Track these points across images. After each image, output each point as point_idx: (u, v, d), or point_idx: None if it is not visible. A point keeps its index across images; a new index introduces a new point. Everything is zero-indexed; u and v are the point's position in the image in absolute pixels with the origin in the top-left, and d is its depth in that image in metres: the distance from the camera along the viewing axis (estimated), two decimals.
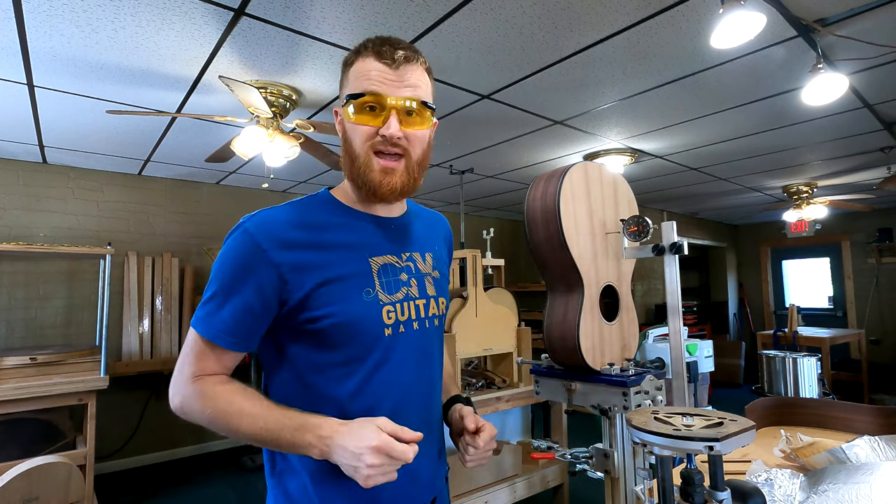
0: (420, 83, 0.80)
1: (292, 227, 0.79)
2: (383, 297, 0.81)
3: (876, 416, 1.40)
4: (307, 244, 0.79)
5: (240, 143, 2.38)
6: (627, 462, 1.14)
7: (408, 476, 0.80)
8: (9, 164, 3.42)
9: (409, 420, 0.79)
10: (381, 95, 0.77)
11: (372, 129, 0.78)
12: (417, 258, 0.89)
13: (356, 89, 0.78)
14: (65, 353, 2.76)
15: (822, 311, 6.76)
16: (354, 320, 0.78)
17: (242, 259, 0.76)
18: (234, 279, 0.76)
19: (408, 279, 0.85)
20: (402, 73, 0.78)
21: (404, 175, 0.80)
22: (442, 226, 1.03)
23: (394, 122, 0.77)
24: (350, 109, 0.78)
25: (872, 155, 3.71)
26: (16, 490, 2.20)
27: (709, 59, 2.11)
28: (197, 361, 0.77)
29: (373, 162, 0.79)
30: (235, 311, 0.76)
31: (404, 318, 0.83)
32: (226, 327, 0.76)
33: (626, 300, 1.30)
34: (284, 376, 0.82)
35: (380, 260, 0.83)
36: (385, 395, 0.80)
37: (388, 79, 0.77)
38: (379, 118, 0.78)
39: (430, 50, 1.98)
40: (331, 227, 0.82)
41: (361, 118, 0.78)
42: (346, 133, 0.81)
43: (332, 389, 0.79)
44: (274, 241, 0.76)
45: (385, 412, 0.77)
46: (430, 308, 0.88)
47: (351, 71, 0.80)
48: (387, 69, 0.77)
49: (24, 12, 1.66)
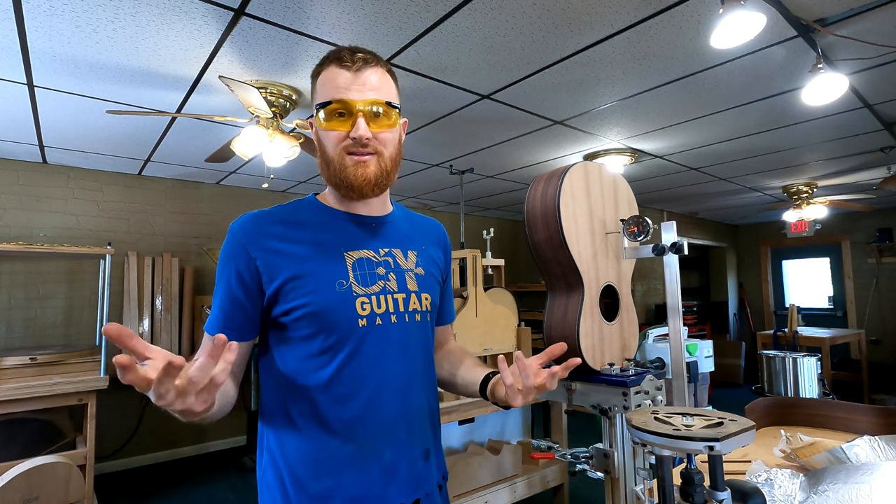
0: (382, 85, 0.84)
1: (271, 224, 0.85)
2: (357, 289, 0.83)
3: (876, 416, 1.39)
4: (283, 238, 0.84)
5: (240, 143, 2.38)
6: (627, 462, 1.14)
7: (381, 468, 0.81)
8: (9, 164, 3.42)
9: (385, 413, 0.82)
10: (347, 101, 0.81)
11: (342, 133, 0.82)
12: (398, 254, 0.91)
13: (323, 98, 0.83)
14: (65, 353, 2.76)
15: (822, 311, 6.76)
16: (326, 309, 0.81)
17: (225, 255, 0.84)
18: (221, 275, 0.84)
19: (385, 273, 0.87)
20: (363, 76, 0.82)
21: (377, 167, 0.84)
22: (437, 231, 1.06)
23: (362, 124, 0.81)
24: (321, 117, 0.83)
25: (872, 155, 3.71)
26: (16, 490, 2.20)
27: (709, 59, 2.11)
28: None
29: (346, 160, 0.83)
30: (224, 301, 0.83)
31: (381, 311, 0.84)
32: (216, 319, 0.83)
33: (626, 300, 1.30)
34: (269, 367, 0.86)
35: (355, 254, 0.86)
36: (359, 386, 0.82)
37: (351, 84, 0.81)
38: (347, 123, 0.82)
39: (430, 50, 1.98)
40: (309, 225, 0.87)
41: (332, 124, 0.82)
42: (321, 140, 0.86)
43: (307, 379, 0.82)
44: (252, 236, 0.83)
45: (360, 403, 0.81)
46: (411, 303, 0.89)
47: (318, 81, 0.85)
48: (348, 74, 0.81)
49: (24, 12, 1.66)
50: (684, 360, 1.15)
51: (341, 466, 0.80)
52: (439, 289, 0.99)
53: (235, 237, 0.83)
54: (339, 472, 0.80)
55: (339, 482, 0.79)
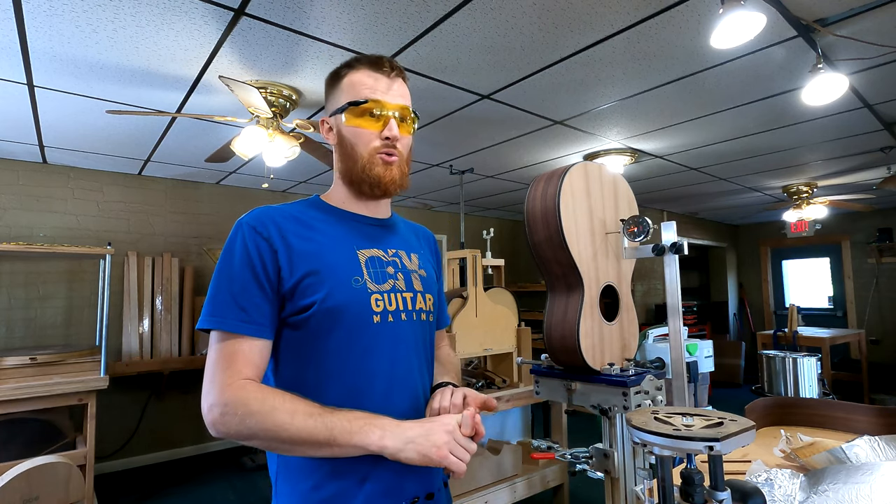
0: (407, 95, 0.91)
1: (285, 219, 0.84)
2: (372, 285, 0.84)
3: (876, 416, 1.39)
4: (298, 234, 0.83)
5: (240, 143, 2.38)
6: (627, 462, 1.14)
7: (394, 466, 0.80)
8: (9, 164, 3.42)
9: (398, 409, 0.82)
10: (383, 102, 0.86)
11: (373, 132, 0.86)
12: (403, 255, 0.93)
13: (357, 97, 0.86)
14: (65, 353, 2.76)
15: (822, 311, 6.76)
16: (343, 306, 0.80)
17: (241, 245, 0.79)
18: (234, 265, 0.78)
19: (394, 272, 0.89)
20: (396, 83, 0.88)
21: (399, 169, 0.89)
22: (427, 237, 1.08)
23: (394, 126, 0.86)
24: (351, 115, 0.86)
25: (872, 155, 3.71)
26: (16, 490, 2.20)
27: (709, 59, 2.11)
28: (228, 366, 0.74)
29: (376, 159, 0.86)
30: (249, 295, 0.77)
31: (392, 308, 0.85)
32: (239, 312, 0.76)
33: (626, 300, 1.30)
34: (282, 370, 0.83)
35: (367, 252, 0.87)
36: (373, 382, 0.82)
37: (387, 89, 0.87)
38: (378, 123, 0.86)
39: (430, 50, 1.98)
40: (320, 222, 0.87)
41: (362, 122, 0.86)
42: (346, 138, 0.88)
43: (322, 376, 0.80)
44: (268, 226, 0.81)
45: (375, 398, 0.81)
46: (417, 302, 0.90)
47: (345, 82, 0.88)
48: (384, 79, 0.87)
49: (24, 12, 1.66)
50: (684, 360, 1.15)
51: (359, 462, 0.78)
52: (437, 291, 1.01)
53: (250, 228, 0.80)
54: (361, 466, 0.79)
55: (357, 476, 0.79)
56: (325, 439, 0.71)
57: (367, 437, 0.71)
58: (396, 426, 0.73)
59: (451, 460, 0.71)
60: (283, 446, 0.73)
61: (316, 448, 0.72)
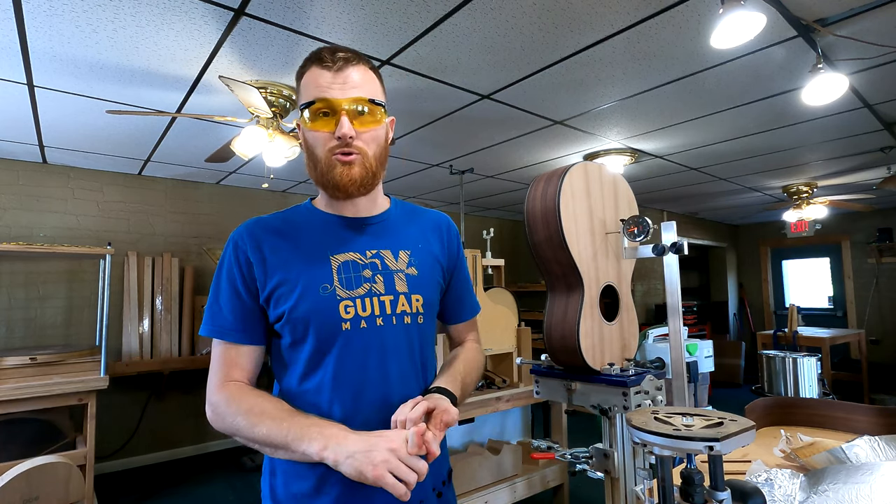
0: (365, 83, 0.83)
1: (264, 232, 0.87)
2: (341, 292, 0.84)
3: (876, 416, 1.39)
4: (273, 246, 0.86)
5: (240, 143, 2.38)
6: (627, 462, 1.14)
7: None
8: (9, 164, 3.42)
9: (364, 419, 0.81)
10: (329, 99, 0.81)
11: (328, 133, 0.82)
12: (387, 255, 0.90)
13: (307, 98, 0.83)
14: (65, 353, 2.76)
15: (822, 311, 6.76)
16: (310, 314, 0.82)
17: (226, 259, 0.86)
18: (222, 278, 0.86)
19: (372, 275, 0.87)
20: (344, 75, 0.81)
21: (361, 168, 0.84)
22: (438, 225, 1.01)
23: (345, 123, 0.80)
24: (306, 118, 0.83)
25: (872, 155, 3.71)
26: (16, 490, 2.20)
27: (709, 59, 2.11)
28: (220, 370, 0.83)
29: (332, 161, 0.83)
30: (232, 306, 0.84)
31: (366, 314, 0.84)
32: (226, 321, 0.84)
33: (626, 300, 1.30)
34: (279, 375, 0.89)
35: (341, 257, 0.87)
36: (345, 389, 0.82)
37: (333, 83, 0.81)
38: (332, 122, 0.82)
39: (430, 50, 1.98)
40: (298, 230, 0.89)
41: (317, 125, 0.83)
42: (307, 141, 0.86)
43: (298, 383, 0.84)
44: (248, 241, 0.85)
45: (347, 405, 0.81)
46: (399, 304, 0.87)
47: (301, 83, 0.85)
48: (328, 74, 0.81)
49: (24, 12, 1.66)
50: (684, 360, 1.15)
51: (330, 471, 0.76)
52: (440, 288, 0.97)
53: (234, 242, 0.86)
54: (330, 476, 0.79)
55: (327, 484, 0.81)
56: (281, 443, 0.74)
57: (310, 445, 0.72)
58: (343, 438, 0.72)
59: (388, 480, 0.67)
60: (255, 445, 0.77)
61: (276, 450, 0.76)
